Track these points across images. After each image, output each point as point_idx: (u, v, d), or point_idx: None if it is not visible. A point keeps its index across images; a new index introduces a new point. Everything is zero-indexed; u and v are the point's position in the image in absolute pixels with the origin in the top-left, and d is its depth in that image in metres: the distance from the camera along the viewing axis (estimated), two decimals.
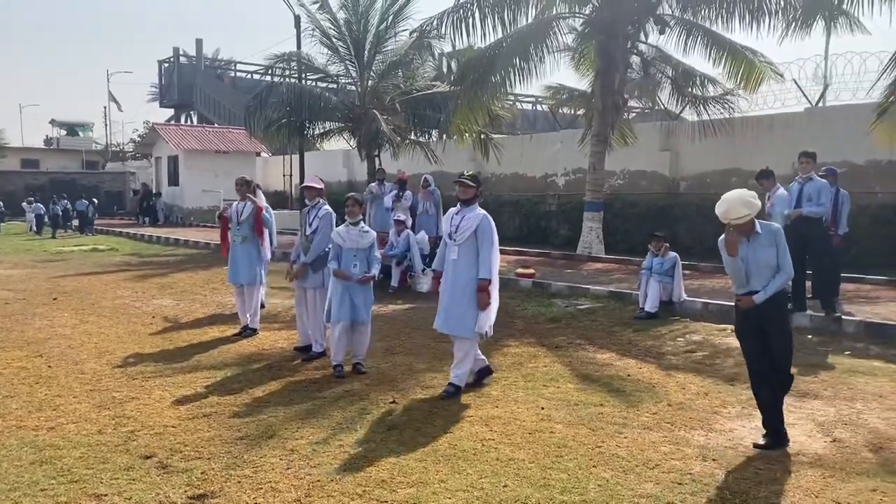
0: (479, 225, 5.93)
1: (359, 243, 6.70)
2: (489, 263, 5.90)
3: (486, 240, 5.91)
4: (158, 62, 41.73)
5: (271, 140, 23.10)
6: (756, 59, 14.23)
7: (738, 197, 4.73)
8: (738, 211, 4.68)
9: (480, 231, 5.93)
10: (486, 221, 5.95)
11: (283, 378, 6.63)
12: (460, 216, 6.06)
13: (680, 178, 17.52)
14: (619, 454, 4.71)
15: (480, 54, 15.54)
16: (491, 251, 5.92)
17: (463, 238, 5.95)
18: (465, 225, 5.96)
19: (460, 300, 5.98)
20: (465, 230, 5.95)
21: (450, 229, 6.09)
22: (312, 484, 4.25)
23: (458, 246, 5.99)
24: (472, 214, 6.00)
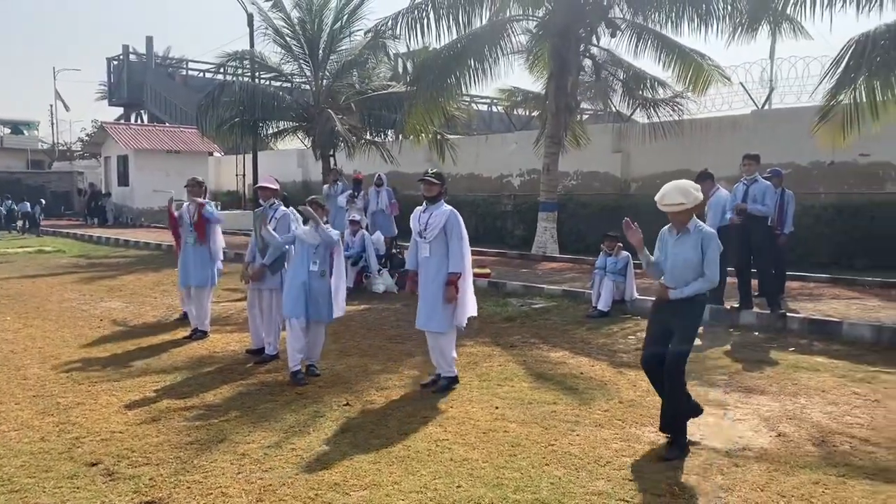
0: (448, 221, 6.04)
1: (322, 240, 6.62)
2: (458, 257, 6.04)
3: (455, 235, 6.05)
4: (107, 60, 40.71)
5: (224, 139, 22.78)
6: (704, 62, 14.56)
7: (676, 185, 4.82)
8: (674, 198, 4.73)
9: (449, 227, 6.04)
10: (454, 217, 6.07)
11: (235, 381, 6.53)
12: (428, 214, 6.13)
13: (631, 179, 17.80)
14: (571, 452, 4.76)
15: (435, 55, 15.57)
16: (461, 245, 6.06)
17: (433, 235, 6.04)
18: (434, 222, 6.05)
19: (436, 296, 6.06)
20: (434, 227, 6.04)
21: (419, 227, 6.15)
22: (264, 488, 4.20)
23: (428, 244, 6.08)
24: (440, 211, 6.10)
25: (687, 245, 4.82)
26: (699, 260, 4.77)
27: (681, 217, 4.81)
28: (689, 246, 4.82)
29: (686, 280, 4.81)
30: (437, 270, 6.08)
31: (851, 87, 9.04)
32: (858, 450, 4.81)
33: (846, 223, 13.17)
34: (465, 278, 6.16)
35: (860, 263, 12.69)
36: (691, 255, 4.79)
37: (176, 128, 32.83)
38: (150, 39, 38.89)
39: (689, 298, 4.81)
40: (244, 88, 19.32)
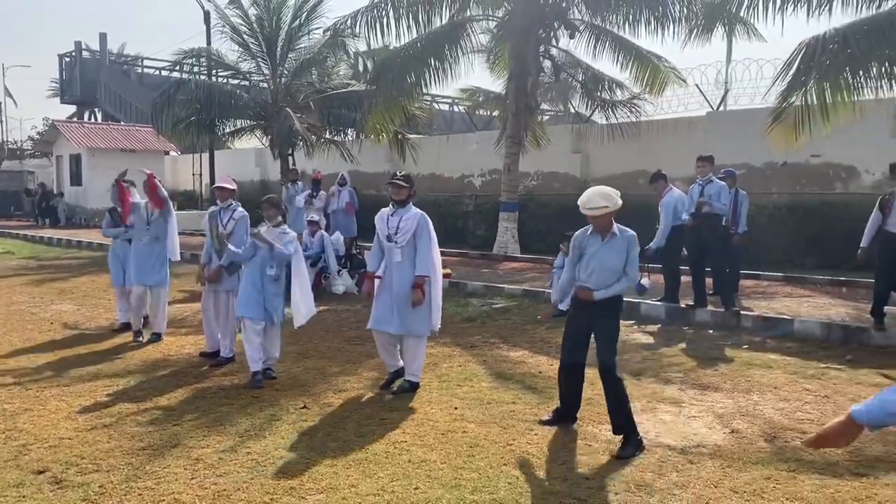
0: (419, 225, 6.00)
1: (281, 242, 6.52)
2: (427, 261, 6.02)
3: (425, 238, 6.02)
4: (59, 56, 39.65)
5: (180, 138, 22.38)
6: (661, 64, 14.77)
7: (599, 190, 4.93)
8: (597, 202, 4.80)
9: (419, 230, 6.00)
10: (424, 221, 6.05)
11: (190, 385, 6.41)
12: (397, 217, 6.06)
13: (591, 180, 17.91)
14: (529, 451, 4.78)
15: (395, 54, 15.51)
16: (430, 249, 6.05)
17: (405, 240, 5.98)
18: (405, 226, 6.00)
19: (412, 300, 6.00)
20: (405, 231, 5.99)
21: (388, 231, 6.06)
22: (218, 493, 4.12)
23: (400, 248, 6.00)
24: (410, 215, 6.05)
25: (613, 249, 4.95)
26: (623, 262, 4.94)
27: (604, 221, 4.90)
28: (614, 250, 4.95)
29: (608, 281, 4.94)
30: (408, 275, 6.01)
31: (802, 90, 9.24)
32: None
33: (798, 222, 13.48)
34: (435, 282, 6.14)
35: (811, 262, 12.99)
36: (616, 259, 4.94)
37: (131, 126, 32.17)
38: (103, 36, 38.01)
39: (613, 297, 4.98)
40: (201, 87, 19.00)
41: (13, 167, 41.15)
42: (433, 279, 6.11)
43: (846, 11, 10.22)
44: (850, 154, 13.64)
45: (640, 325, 8.81)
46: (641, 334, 8.33)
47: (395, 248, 6.03)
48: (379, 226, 6.17)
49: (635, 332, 8.34)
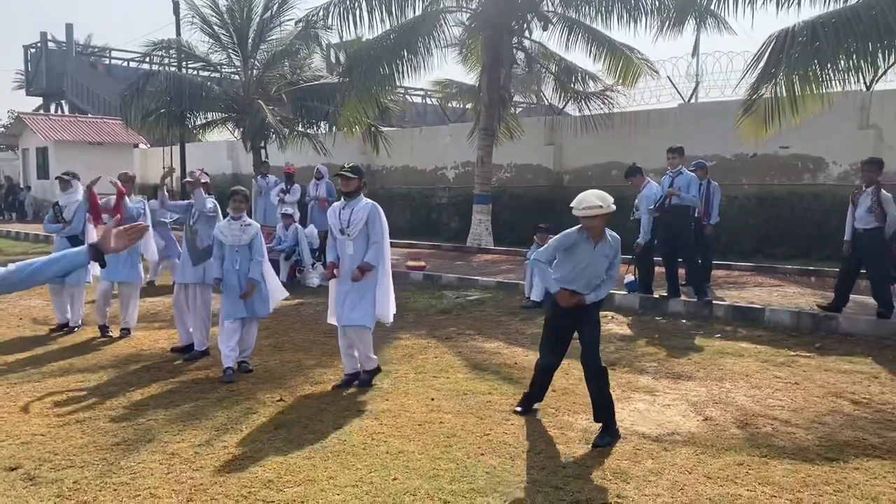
0: (369, 216, 5.96)
1: (240, 239, 6.47)
2: (378, 252, 5.96)
3: (377, 229, 5.97)
4: (24, 47, 38.82)
5: (150, 131, 21.95)
6: (633, 56, 14.88)
7: (593, 192, 4.88)
8: (592, 201, 4.76)
9: (371, 222, 5.96)
10: (375, 211, 6.00)
11: (164, 380, 6.35)
12: (349, 210, 6.00)
13: (563, 172, 18.04)
14: (506, 441, 4.81)
15: (368, 46, 15.42)
16: (381, 240, 5.98)
17: (356, 231, 5.93)
18: (356, 217, 5.94)
19: (362, 293, 5.95)
20: (356, 223, 5.94)
21: (340, 224, 6.01)
22: (194, 488, 4.09)
23: (352, 241, 5.95)
24: (360, 206, 5.99)
25: (605, 255, 4.96)
26: (608, 265, 4.97)
27: (598, 223, 4.83)
28: (607, 255, 4.96)
29: (593, 284, 4.97)
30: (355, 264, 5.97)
31: (772, 82, 9.35)
32: (780, 431, 5.01)
33: (768, 213, 13.69)
34: (384, 273, 6.09)
35: (781, 252, 13.21)
36: (604, 263, 4.96)
37: (99, 119, 31.65)
38: (69, 27, 37.29)
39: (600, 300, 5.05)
40: (170, 78, 18.70)
41: None
42: (382, 269, 6.05)
43: (815, 4, 10.39)
44: (818, 146, 13.87)
45: (614, 315, 8.89)
46: (615, 325, 8.41)
47: (346, 240, 5.98)
48: (331, 220, 6.11)
49: (609, 323, 8.41)
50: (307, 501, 3.92)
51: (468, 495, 3.99)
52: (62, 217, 8.21)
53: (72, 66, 37.02)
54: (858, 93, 12.70)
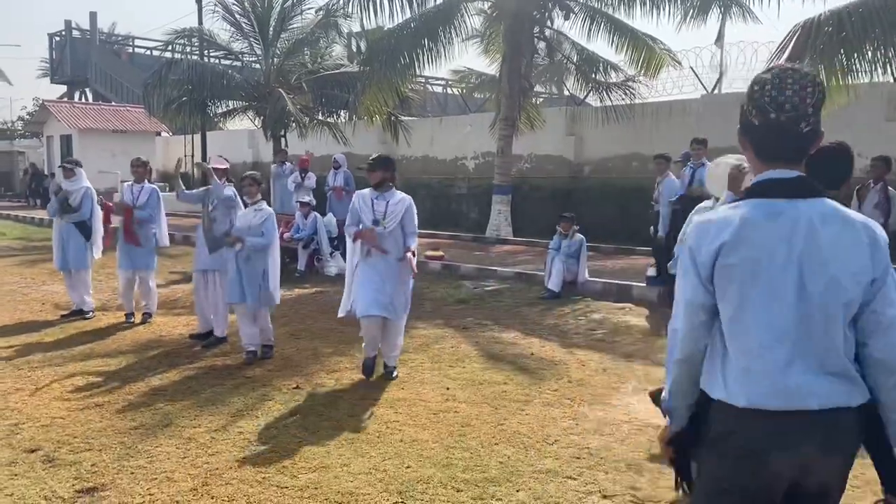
0: (406, 210, 5.88)
1: (250, 222, 6.50)
2: (414, 239, 5.93)
3: (413, 222, 5.92)
4: (49, 35, 39.22)
5: (172, 119, 22.14)
6: (656, 46, 14.72)
7: None
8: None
9: (407, 216, 5.87)
10: (411, 202, 5.93)
11: (182, 365, 6.41)
12: (383, 201, 5.85)
13: (584, 163, 17.93)
14: (520, 431, 4.80)
15: (389, 35, 15.39)
16: (415, 227, 5.97)
17: (392, 224, 5.82)
18: (393, 210, 5.82)
19: (396, 284, 5.88)
20: (393, 215, 5.81)
21: (374, 215, 5.83)
22: (210, 472, 4.13)
23: (389, 233, 5.80)
24: (397, 199, 5.88)
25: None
26: None
27: None
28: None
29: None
30: (392, 258, 5.84)
31: None
32: None
33: None
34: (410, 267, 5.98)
35: None
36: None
37: (122, 107, 31.91)
38: (93, 15, 37.58)
39: None
40: (192, 67, 18.81)
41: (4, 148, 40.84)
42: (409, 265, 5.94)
43: None
44: (843, 138, 13.21)
45: (632, 307, 8.83)
46: (633, 317, 8.36)
47: (383, 232, 5.84)
48: (361, 206, 5.91)
49: (627, 315, 8.36)
50: (321, 487, 3.94)
51: (481, 484, 3.99)
52: (68, 204, 8.30)
53: (95, 54, 37.34)
54: (886, 84, 12.46)
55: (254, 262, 6.41)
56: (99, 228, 8.51)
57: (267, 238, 6.46)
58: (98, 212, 8.52)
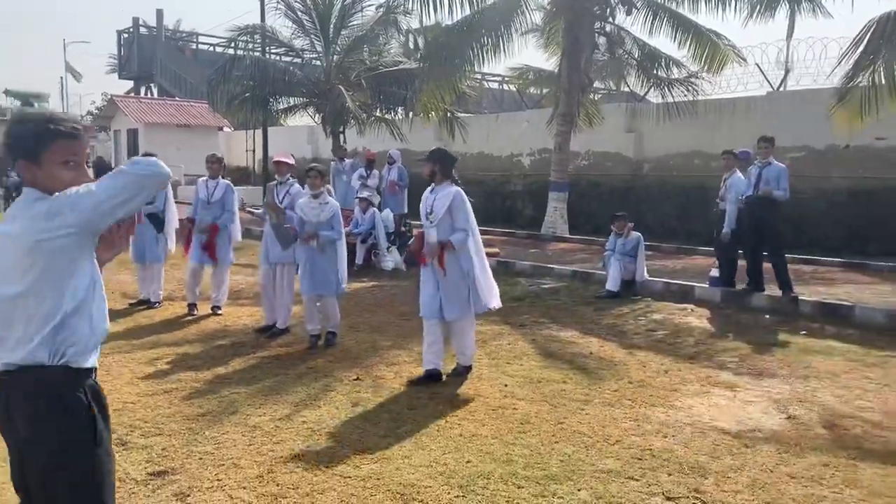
0: (452, 202, 5.68)
1: (319, 216, 6.63)
2: (460, 235, 5.67)
3: (461, 217, 5.69)
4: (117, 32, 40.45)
5: (235, 115, 22.65)
6: (720, 42, 14.39)
7: None
8: None
9: (453, 209, 5.69)
10: (459, 197, 5.71)
11: (247, 355, 6.56)
12: (433, 195, 5.83)
13: (644, 160, 17.67)
14: (580, 430, 4.77)
15: (448, 31, 15.42)
16: (468, 227, 5.72)
17: (437, 218, 5.72)
18: (438, 205, 5.74)
19: (456, 283, 5.74)
20: (438, 209, 5.73)
21: (425, 210, 5.84)
22: (275, 460, 4.23)
23: (435, 227, 5.74)
24: (444, 193, 5.77)
25: None
26: None
27: None
28: None
29: None
30: (452, 258, 5.73)
31: (870, 69, 8.93)
32: (869, 433, 4.80)
33: (860, 208, 13.03)
34: (480, 265, 5.78)
35: (873, 248, 12.58)
36: None
37: (186, 102, 32.77)
38: (160, 12, 38.65)
39: None
40: (255, 63, 19.18)
41: None
42: (476, 259, 5.76)
43: None
44: None
45: (693, 308, 8.66)
46: (695, 318, 8.20)
47: (430, 227, 5.78)
48: (421, 205, 5.95)
49: (689, 316, 8.21)
50: (383, 478, 4.00)
51: (542, 482, 3.98)
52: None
53: (161, 50, 38.38)
54: None
55: (326, 254, 6.60)
56: (172, 220, 8.72)
57: (337, 231, 6.67)
58: (172, 205, 8.74)
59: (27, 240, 2.18)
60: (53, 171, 2.25)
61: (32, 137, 2.25)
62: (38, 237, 2.17)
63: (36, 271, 2.19)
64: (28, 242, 2.18)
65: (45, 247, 2.17)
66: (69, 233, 2.18)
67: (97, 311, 2.34)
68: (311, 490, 3.87)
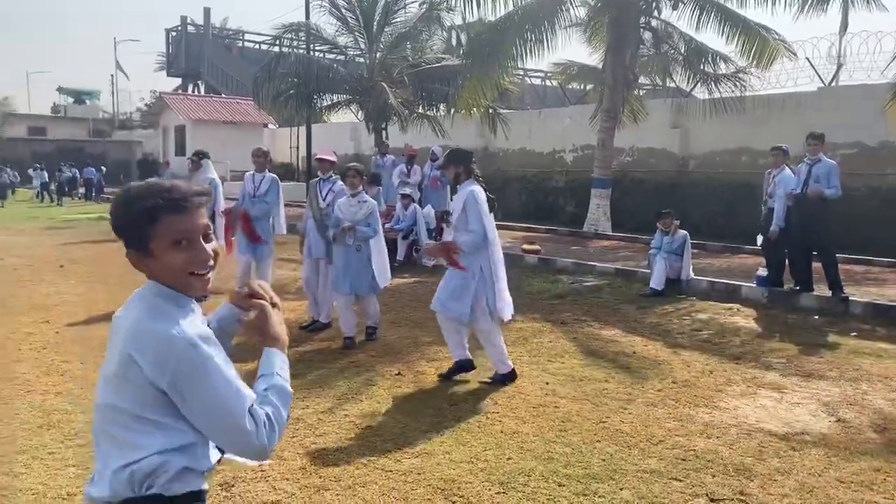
0: (466, 202, 5.49)
1: (356, 215, 6.66)
2: (473, 239, 5.42)
3: (472, 218, 5.44)
4: (166, 31, 41.31)
5: (279, 111, 22.97)
6: (770, 36, 14.06)
7: None
8: None
9: (466, 208, 5.48)
10: (472, 196, 5.48)
11: (290, 348, 6.58)
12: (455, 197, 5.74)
13: (689, 157, 17.40)
14: (623, 430, 4.73)
15: (491, 27, 15.37)
16: (477, 226, 5.42)
17: (454, 218, 5.62)
18: (456, 205, 5.63)
19: (461, 283, 5.56)
20: (456, 210, 5.62)
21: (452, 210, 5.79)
22: (317, 452, 4.29)
23: (452, 230, 5.66)
24: (462, 192, 5.57)
25: None
26: None
27: None
28: None
29: None
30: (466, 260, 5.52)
31: None
32: None
33: None
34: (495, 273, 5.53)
35: None
36: None
37: (232, 99, 33.35)
38: (207, 11, 39.32)
39: None
40: (300, 61, 19.43)
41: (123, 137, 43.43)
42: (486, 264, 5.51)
43: None
44: None
45: (739, 308, 8.50)
46: (741, 318, 8.05)
47: (447, 229, 5.75)
48: None
49: (735, 316, 8.07)
50: (424, 473, 4.02)
51: (583, 480, 3.96)
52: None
53: (209, 48, 39.06)
54: None
55: (362, 251, 6.62)
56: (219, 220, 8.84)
57: (374, 229, 6.66)
58: (221, 203, 8.86)
59: (122, 352, 1.70)
60: (164, 257, 1.77)
61: (133, 221, 1.79)
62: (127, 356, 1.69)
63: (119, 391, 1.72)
64: (122, 355, 1.70)
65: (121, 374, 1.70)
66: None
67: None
68: (353, 483, 3.91)
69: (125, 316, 1.77)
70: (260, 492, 3.81)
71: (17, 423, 4.65)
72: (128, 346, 1.68)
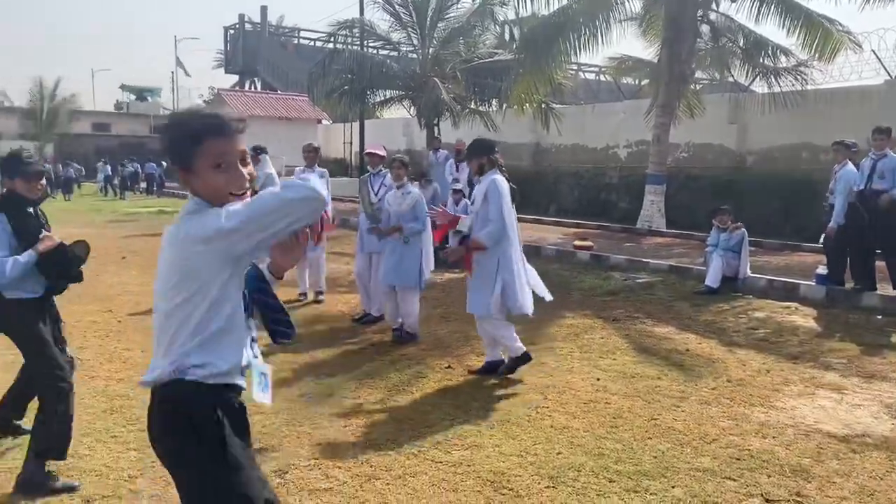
0: (487, 191, 5.37)
1: (400, 206, 6.72)
2: (493, 231, 5.31)
3: (492, 208, 5.31)
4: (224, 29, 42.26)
5: (333, 107, 23.25)
6: (833, 28, 13.64)
7: None
8: None
9: (488, 198, 5.35)
10: (493, 186, 5.35)
11: (343, 340, 6.76)
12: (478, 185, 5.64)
13: (747, 152, 16.98)
14: (675, 427, 4.67)
15: (545, 22, 15.28)
16: (500, 220, 5.29)
17: (475, 209, 5.50)
18: (477, 196, 5.55)
19: (480, 276, 5.49)
20: (476, 202, 5.53)
21: None
22: (369, 442, 4.35)
23: (474, 217, 5.52)
24: (484, 182, 5.46)
25: None
26: None
27: None
28: None
29: None
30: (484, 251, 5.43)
31: None
32: None
33: None
34: (512, 269, 5.40)
35: None
36: None
37: (287, 95, 33.86)
38: (264, 9, 40.05)
39: None
40: (353, 57, 19.61)
41: None
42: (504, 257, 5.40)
43: None
44: None
45: (798, 307, 8.28)
46: (800, 317, 7.84)
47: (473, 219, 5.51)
48: None
49: (793, 315, 7.86)
50: (473, 465, 4.04)
51: (634, 477, 3.92)
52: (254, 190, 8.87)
53: (265, 45, 39.78)
54: None
55: (412, 245, 6.66)
56: None
57: (421, 222, 6.68)
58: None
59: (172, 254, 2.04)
60: (206, 177, 2.05)
61: (179, 142, 2.05)
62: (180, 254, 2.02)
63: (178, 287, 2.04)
64: (173, 256, 2.04)
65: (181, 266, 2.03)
66: (204, 255, 1.99)
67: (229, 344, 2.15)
68: (404, 473, 3.96)
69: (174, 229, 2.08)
70: (313, 478, 3.89)
71: (82, 407, 4.82)
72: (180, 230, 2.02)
